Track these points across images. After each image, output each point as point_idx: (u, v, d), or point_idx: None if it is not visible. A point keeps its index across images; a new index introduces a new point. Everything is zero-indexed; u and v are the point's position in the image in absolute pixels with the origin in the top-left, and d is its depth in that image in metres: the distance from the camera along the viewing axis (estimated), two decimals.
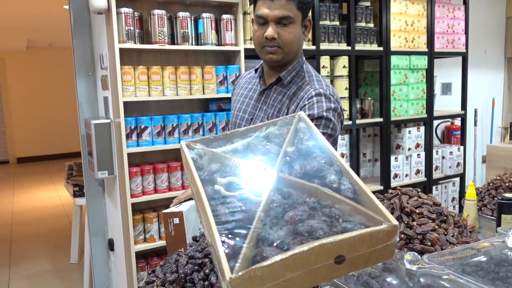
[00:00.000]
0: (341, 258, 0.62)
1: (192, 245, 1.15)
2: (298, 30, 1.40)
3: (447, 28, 3.52)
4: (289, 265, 0.60)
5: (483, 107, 4.52)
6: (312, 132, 0.87)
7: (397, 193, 1.33)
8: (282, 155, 0.81)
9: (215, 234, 0.64)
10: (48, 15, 5.64)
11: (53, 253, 4.19)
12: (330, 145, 0.82)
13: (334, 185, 0.73)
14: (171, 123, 2.50)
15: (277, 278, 0.60)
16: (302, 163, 0.79)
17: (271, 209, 0.69)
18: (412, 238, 1.19)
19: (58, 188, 6.62)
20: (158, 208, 2.63)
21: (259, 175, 0.77)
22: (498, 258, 1.06)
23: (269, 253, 0.61)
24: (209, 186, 0.75)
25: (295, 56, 1.44)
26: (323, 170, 0.76)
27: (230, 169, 0.79)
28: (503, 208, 1.38)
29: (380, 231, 0.62)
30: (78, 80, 2.85)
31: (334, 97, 1.39)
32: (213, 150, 0.85)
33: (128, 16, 2.33)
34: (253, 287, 0.59)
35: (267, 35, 1.36)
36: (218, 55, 2.78)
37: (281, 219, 0.67)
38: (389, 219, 0.64)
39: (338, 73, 3.02)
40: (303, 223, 0.65)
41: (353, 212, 0.67)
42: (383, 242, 0.63)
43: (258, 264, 0.59)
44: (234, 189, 0.74)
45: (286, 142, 0.84)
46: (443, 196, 3.66)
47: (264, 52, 1.40)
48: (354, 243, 0.62)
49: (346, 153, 3.11)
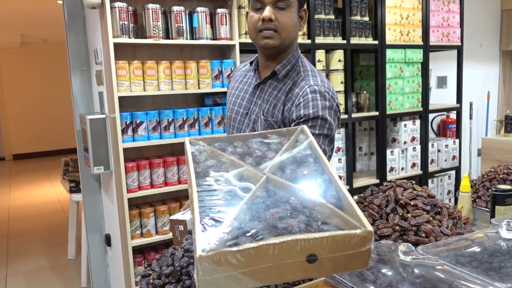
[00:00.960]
0: (313, 257, 0.63)
1: (188, 239, 1.16)
2: (295, 16, 1.39)
3: (442, 22, 3.52)
4: (260, 254, 0.61)
5: (478, 100, 4.53)
6: (310, 144, 0.89)
7: (392, 185, 1.34)
8: (277, 159, 0.83)
9: (196, 216, 0.67)
10: (42, 10, 5.60)
11: (50, 249, 4.19)
12: (325, 157, 0.83)
13: (320, 191, 0.74)
14: (166, 118, 2.50)
15: (247, 266, 0.62)
16: (294, 169, 0.81)
17: (255, 204, 0.71)
18: (407, 229, 1.20)
19: (55, 184, 6.61)
20: (155, 203, 2.63)
21: (251, 175, 0.79)
22: (491, 249, 1.07)
23: (243, 241, 0.62)
24: (202, 179, 0.78)
25: (290, 45, 1.43)
26: (312, 177, 0.78)
27: (225, 166, 0.82)
28: (497, 199, 1.39)
29: (354, 236, 0.64)
30: (72, 76, 2.83)
31: (329, 93, 1.38)
32: (213, 148, 0.88)
33: (122, 11, 2.32)
34: (222, 269, 0.61)
35: (264, 16, 1.34)
36: (213, 49, 2.77)
37: (262, 214, 0.69)
38: (364, 225, 0.65)
39: (334, 67, 3.02)
40: (282, 220, 0.67)
41: (332, 215, 0.69)
42: (357, 247, 0.64)
43: (230, 247, 0.60)
44: (224, 184, 0.76)
45: (283, 149, 0.87)
46: (438, 189, 3.68)
47: (260, 37, 1.38)
48: (327, 244, 0.63)
49: (342, 147, 3.12)
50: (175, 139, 2.53)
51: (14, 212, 5.49)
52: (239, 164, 0.82)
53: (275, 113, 1.41)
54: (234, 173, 0.80)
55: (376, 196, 1.33)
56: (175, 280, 0.99)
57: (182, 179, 2.58)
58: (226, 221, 0.66)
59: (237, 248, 0.61)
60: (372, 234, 0.65)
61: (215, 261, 0.61)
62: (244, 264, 0.61)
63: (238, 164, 0.83)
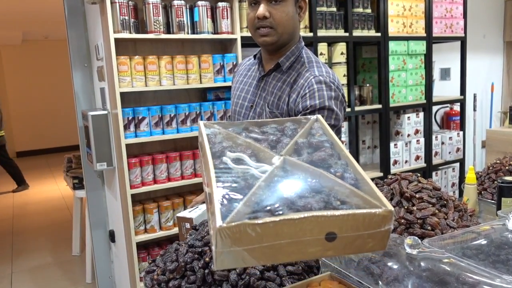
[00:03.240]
0: (332, 235, 0.62)
1: (192, 234, 1.15)
2: (291, 9, 1.36)
3: (445, 13, 3.49)
4: (279, 229, 0.60)
5: (482, 92, 4.50)
6: (325, 131, 0.88)
7: (397, 178, 1.32)
8: (293, 143, 0.83)
9: (215, 190, 0.65)
10: (43, 7, 5.58)
11: (55, 245, 4.20)
12: (341, 143, 0.83)
13: (338, 174, 0.73)
14: (168, 113, 2.49)
15: (265, 240, 0.61)
16: (310, 152, 0.80)
17: (273, 182, 0.70)
18: (412, 222, 1.18)
19: (58, 181, 6.63)
20: (158, 199, 2.63)
21: (267, 156, 0.78)
22: (498, 241, 1.06)
23: (261, 215, 0.61)
24: (218, 159, 0.77)
25: (290, 38, 1.41)
26: (329, 161, 0.77)
27: (240, 148, 0.81)
28: (503, 191, 1.37)
29: (375, 215, 0.63)
30: (74, 72, 2.82)
31: (335, 84, 1.37)
32: (228, 131, 0.87)
33: (122, 6, 2.30)
34: (240, 242, 0.60)
35: (258, 14, 1.33)
36: (214, 43, 2.75)
37: (280, 191, 0.68)
38: (385, 204, 0.64)
39: (336, 60, 3.00)
40: (301, 198, 0.66)
41: (352, 195, 0.68)
42: (377, 227, 0.63)
43: (249, 220, 0.59)
44: (241, 164, 0.76)
45: (299, 135, 0.86)
46: (443, 181, 3.67)
47: (257, 35, 1.38)
48: (347, 222, 0.62)
49: (345, 140, 3.10)
50: (178, 135, 2.52)
51: (18, 209, 5.50)
52: (255, 146, 0.81)
53: (280, 105, 1.40)
54: (250, 154, 0.79)
55: (381, 189, 1.32)
56: (179, 276, 0.99)
57: (185, 175, 2.57)
58: (245, 197, 0.65)
59: (257, 221, 0.59)
60: (392, 214, 0.63)
61: (235, 232, 0.59)
62: (263, 238, 0.60)
63: (254, 146, 0.81)
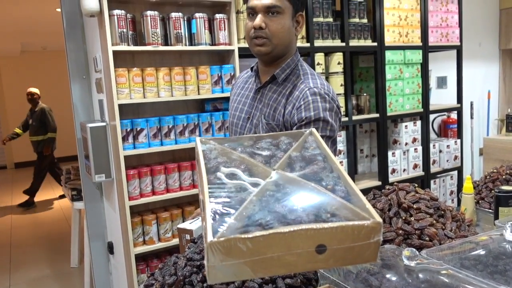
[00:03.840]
0: (322, 247, 0.63)
1: (191, 247, 1.15)
2: (288, 22, 1.38)
3: (440, 22, 3.52)
4: (270, 243, 0.62)
5: (479, 100, 4.52)
6: (319, 145, 0.90)
7: (394, 189, 1.33)
8: (286, 157, 0.84)
9: (207, 206, 0.67)
10: (41, 18, 5.62)
11: (53, 257, 4.18)
12: (333, 156, 0.84)
13: (329, 187, 0.75)
14: (167, 124, 2.50)
15: (256, 254, 0.62)
16: (303, 166, 0.82)
17: (264, 196, 0.71)
18: (410, 233, 1.19)
19: (57, 192, 6.61)
20: (157, 210, 2.62)
21: (260, 171, 0.80)
22: (496, 251, 1.06)
23: (252, 229, 0.63)
24: (212, 174, 0.79)
25: (286, 50, 1.43)
26: (321, 174, 0.79)
27: (235, 163, 0.83)
28: (500, 201, 1.38)
29: (364, 226, 0.64)
30: (72, 84, 2.84)
31: (329, 95, 1.38)
32: (223, 147, 0.89)
33: (120, 18, 2.32)
34: (232, 256, 0.61)
35: (254, 24, 1.35)
36: (212, 55, 2.77)
37: (271, 206, 0.69)
38: (373, 216, 0.65)
39: (333, 69, 3.02)
40: (291, 212, 0.67)
41: (341, 207, 0.69)
42: (366, 239, 0.64)
43: (240, 234, 0.61)
44: (235, 179, 0.77)
45: (292, 149, 0.87)
46: (441, 189, 3.67)
47: (253, 44, 1.40)
48: (336, 234, 0.63)
49: (343, 149, 3.11)
50: (176, 146, 2.53)
51: (17, 221, 5.48)
52: (249, 161, 0.83)
53: (276, 116, 1.42)
54: (244, 169, 0.81)
55: (378, 200, 1.32)
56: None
57: (183, 186, 2.57)
58: (236, 211, 0.66)
59: (247, 235, 0.61)
60: (381, 225, 0.64)
61: (225, 247, 0.61)
62: (254, 252, 0.61)
63: (248, 161, 0.83)
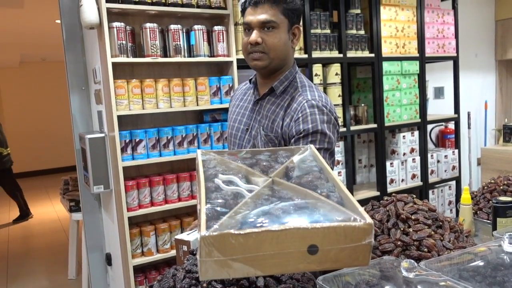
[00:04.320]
0: (314, 248, 0.64)
1: (189, 259, 1.15)
2: (284, 35, 1.40)
3: (437, 33, 3.55)
4: (261, 241, 0.62)
5: (476, 110, 4.55)
6: (315, 158, 0.92)
7: (393, 199, 1.33)
8: (283, 167, 0.86)
9: (202, 207, 0.69)
10: (41, 30, 5.65)
11: (51, 269, 4.15)
12: (329, 168, 0.86)
13: (323, 194, 0.76)
14: (165, 135, 2.50)
15: (248, 251, 0.62)
16: (299, 175, 0.84)
17: (260, 199, 0.73)
18: (409, 244, 1.19)
19: (55, 203, 6.58)
20: (155, 221, 2.62)
21: (257, 179, 0.82)
22: (495, 262, 1.06)
23: (246, 227, 0.64)
24: (210, 181, 0.81)
25: (283, 63, 1.44)
26: (316, 182, 0.80)
27: (233, 171, 0.85)
28: (498, 211, 1.38)
29: (355, 227, 0.64)
30: (71, 95, 2.85)
31: (327, 107, 1.39)
32: (222, 157, 0.91)
33: (120, 30, 2.34)
34: (224, 252, 0.62)
35: (250, 40, 1.37)
36: (211, 66, 2.79)
37: (266, 208, 0.70)
38: (364, 218, 0.66)
39: (331, 80, 3.04)
40: (285, 213, 0.68)
41: (334, 210, 0.70)
42: (358, 240, 0.65)
43: (233, 231, 0.62)
44: (232, 185, 0.79)
45: (290, 161, 0.89)
46: (439, 200, 3.67)
47: (250, 59, 1.41)
48: (328, 235, 0.64)
49: (341, 159, 3.12)
50: (175, 157, 2.53)
51: (14, 232, 5.45)
52: (246, 170, 0.85)
53: (274, 128, 1.43)
54: (241, 177, 0.82)
55: (377, 211, 1.33)
56: None
57: (182, 197, 2.57)
58: (231, 211, 0.68)
59: (239, 232, 0.62)
60: (372, 227, 0.65)
61: (218, 242, 0.61)
62: (246, 249, 0.62)
63: (245, 169, 0.85)
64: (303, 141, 1.34)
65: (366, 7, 3.21)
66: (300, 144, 1.34)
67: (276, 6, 1.36)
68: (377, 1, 3.18)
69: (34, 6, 4.37)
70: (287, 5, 1.38)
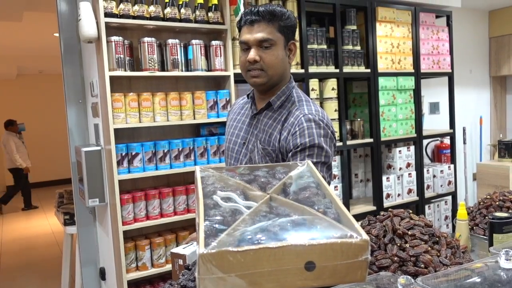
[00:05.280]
0: (311, 264, 0.64)
1: (185, 274, 1.14)
2: (281, 52, 1.42)
3: (432, 49, 3.60)
4: (259, 257, 0.63)
5: (472, 125, 4.58)
6: (312, 173, 0.93)
7: (389, 215, 1.33)
8: (281, 184, 0.87)
9: (201, 224, 0.70)
10: (38, 43, 5.68)
11: (44, 283, 4.09)
12: (326, 184, 0.87)
13: (320, 210, 0.77)
14: (162, 149, 2.50)
15: (246, 268, 0.63)
16: (296, 191, 0.85)
17: (257, 216, 0.74)
18: (406, 260, 1.18)
19: (49, 216, 6.53)
20: (150, 235, 2.60)
21: (255, 196, 0.83)
22: (491, 279, 1.06)
23: (244, 244, 0.65)
24: (209, 198, 0.82)
25: (281, 79, 1.46)
26: (313, 199, 0.81)
27: (231, 188, 0.86)
28: (494, 227, 1.38)
29: (351, 244, 0.65)
30: (68, 108, 2.85)
31: (324, 122, 1.40)
32: (221, 174, 0.93)
33: (118, 44, 2.35)
34: (223, 269, 0.63)
35: (249, 58, 1.39)
36: (208, 80, 2.80)
37: (264, 224, 0.71)
38: (361, 234, 0.67)
39: (327, 95, 3.06)
40: (282, 230, 0.69)
41: (330, 227, 0.71)
42: (355, 257, 0.66)
43: (231, 248, 0.63)
44: (230, 202, 0.80)
45: (288, 177, 0.91)
46: (436, 215, 3.67)
47: (249, 76, 1.43)
48: (325, 251, 0.65)
49: (338, 174, 3.12)
50: (171, 170, 2.52)
51: (7, 245, 5.39)
52: (244, 186, 0.86)
53: (272, 142, 1.44)
54: (239, 194, 0.83)
55: (373, 226, 1.32)
56: None
57: (178, 210, 2.56)
58: (229, 228, 0.69)
59: (237, 249, 0.63)
60: (368, 243, 0.66)
61: (217, 259, 0.62)
62: (244, 266, 0.63)
63: (243, 186, 0.86)
64: (300, 155, 1.35)
65: (362, 24, 3.26)
66: (297, 157, 1.34)
67: (272, 24, 1.38)
68: (373, 17, 3.23)
69: (33, 20, 4.39)
70: (283, 22, 1.40)
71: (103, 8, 2.29)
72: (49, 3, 3.00)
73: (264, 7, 1.39)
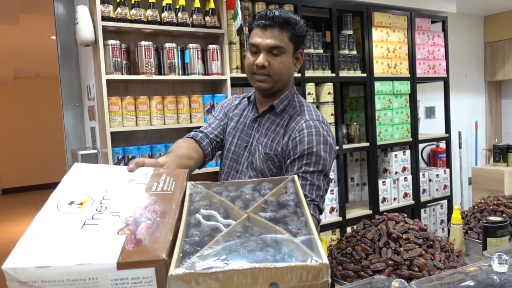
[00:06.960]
0: (275, 285, 0.69)
1: None
2: (289, 60, 1.42)
3: (427, 54, 3.62)
4: (228, 279, 0.67)
5: (467, 130, 4.61)
6: (296, 191, 0.97)
7: (384, 219, 1.34)
8: (262, 201, 0.91)
9: (177, 244, 0.74)
10: (35, 45, 5.67)
11: None
12: (305, 203, 0.92)
13: (293, 230, 0.81)
14: (158, 152, 2.50)
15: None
16: (274, 210, 0.89)
17: (231, 237, 0.78)
18: (400, 264, 1.19)
19: None
20: None
21: (235, 214, 0.88)
22: (485, 282, 1.07)
23: (213, 266, 0.68)
24: (192, 215, 0.86)
25: (285, 85, 1.47)
26: (289, 218, 0.86)
27: (215, 206, 0.91)
28: (488, 231, 1.39)
29: (311, 267, 0.69)
30: (65, 111, 2.85)
31: (324, 128, 1.41)
32: (209, 191, 0.97)
33: (115, 48, 2.36)
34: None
35: (257, 63, 1.38)
36: (204, 84, 2.81)
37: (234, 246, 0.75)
38: (321, 257, 0.70)
39: (324, 99, 3.07)
40: (251, 252, 0.73)
41: (296, 249, 0.75)
42: (315, 279, 0.69)
43: (199, 270, 0.66)
44: (211, 220, 0.85)
45: (270, 194, 0.95)
46: (431, 219, 3.68)
47: (254, 79, 1.43)
48: (287, 274, 0.68)
49: (334, 178, 3.13)
50: None
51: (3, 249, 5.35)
52: (227, 205, 0.90)
53: (274, 146, 1.44)
54: (222, 212, 0.88)
55: (368, 230, 1.33)
56: None
57: None
58: (202, 249, 0.73)
59: (206, 271, 0.66)
60: (327, 267, 0.69)
61: (185, 281, 0.66)
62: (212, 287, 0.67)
63: (226, 204, 0.90)
64: (298, 162, 1.35)
65: (358, 28, 3.28)
66: (295, 164, 1.35)
67: (284, 31, 1.38)
68: (369, 22, 3.25)
69: (30, 23, 4.39)
70: (295, 31, 1.40)
71: (100, 11, 2.30)
72: (46, 6, 3.01)
73: (279, 13, 1.38)
